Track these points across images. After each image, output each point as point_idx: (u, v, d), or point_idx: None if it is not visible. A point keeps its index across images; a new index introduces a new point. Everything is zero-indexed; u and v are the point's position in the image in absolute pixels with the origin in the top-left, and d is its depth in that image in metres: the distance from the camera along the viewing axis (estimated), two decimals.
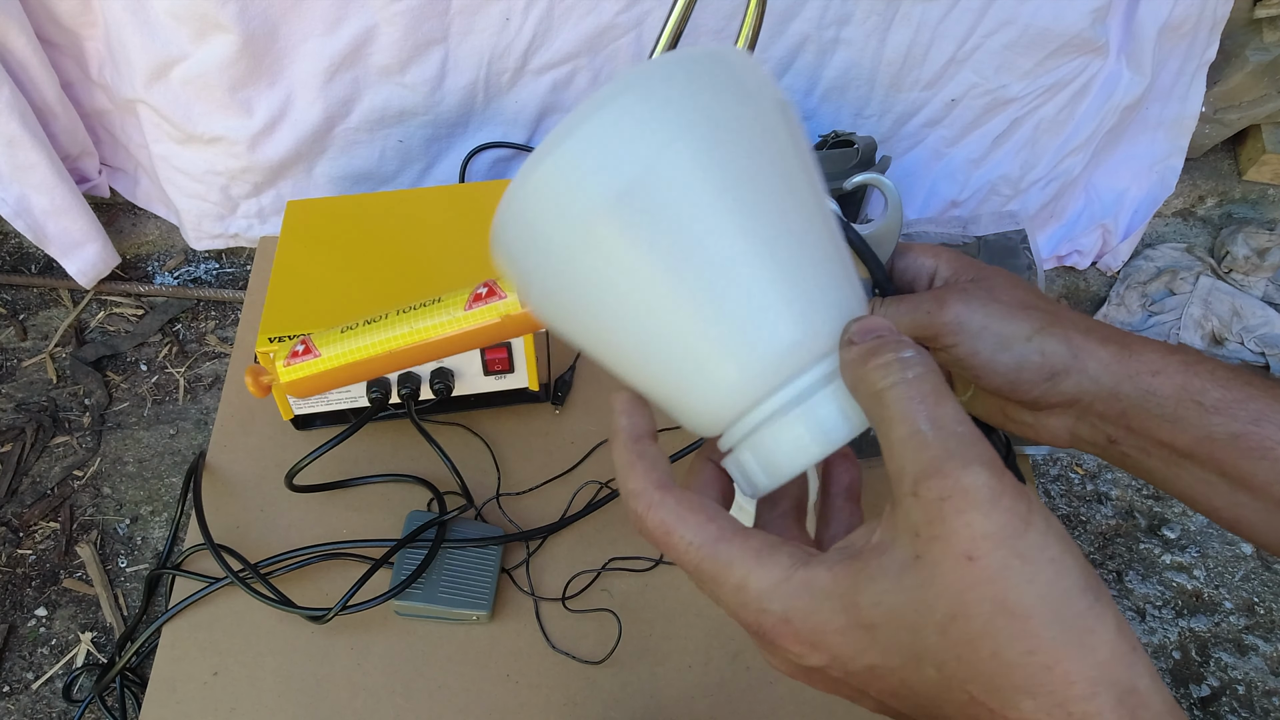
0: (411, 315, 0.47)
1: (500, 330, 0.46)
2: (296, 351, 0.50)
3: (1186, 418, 0.38)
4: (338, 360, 0.49)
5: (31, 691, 0.84)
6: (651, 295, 0.29)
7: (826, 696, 0.60)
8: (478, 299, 0.46)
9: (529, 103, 0.91)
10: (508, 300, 0.45)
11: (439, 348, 0.48)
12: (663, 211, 0.28)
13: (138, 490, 0.97)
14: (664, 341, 0.29)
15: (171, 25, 0.79)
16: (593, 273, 0.29)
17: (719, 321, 0.28)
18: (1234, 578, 1.03)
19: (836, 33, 0.88)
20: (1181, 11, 0.89)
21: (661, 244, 0.28)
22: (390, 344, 0.48)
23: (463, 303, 0.46)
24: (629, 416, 0.32)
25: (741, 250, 0.28)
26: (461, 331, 0.46)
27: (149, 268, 1.13)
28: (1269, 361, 1.18)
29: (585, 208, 0.28)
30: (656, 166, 0.27)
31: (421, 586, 0.61)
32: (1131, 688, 0.24)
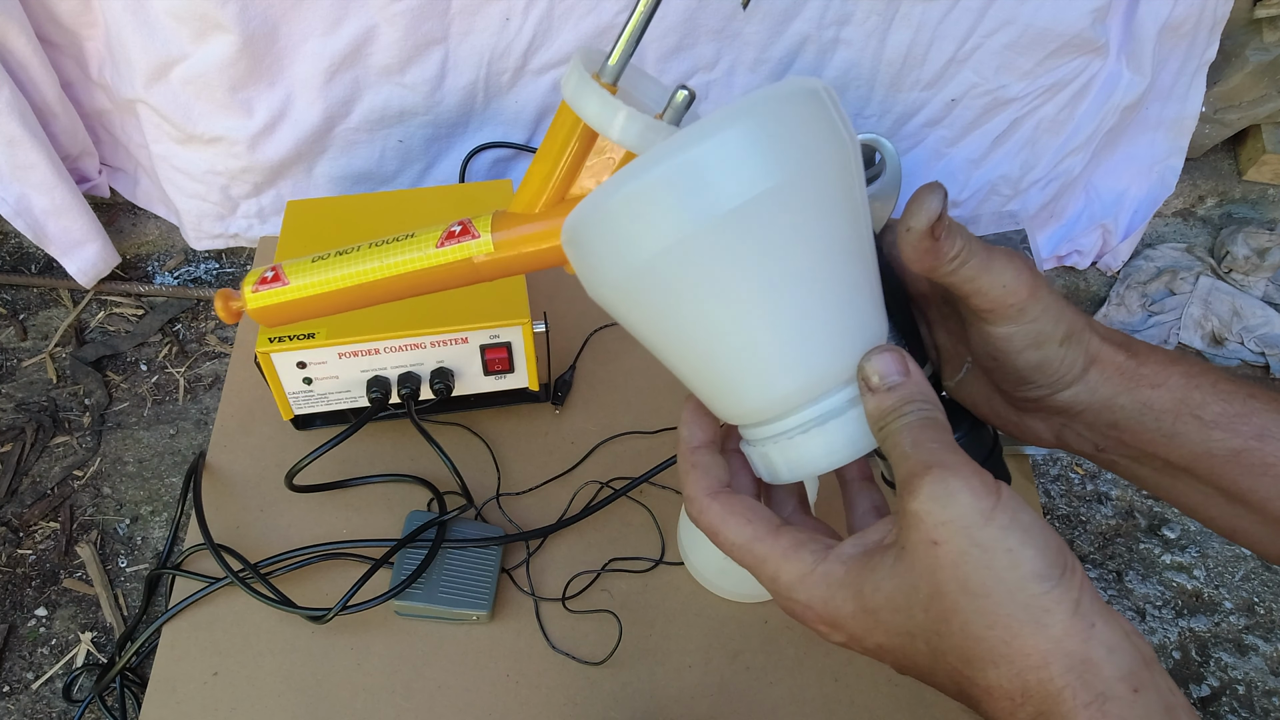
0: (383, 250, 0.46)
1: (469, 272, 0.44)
2: (265, 278, 0.48)
3: (1184, 433, 0.37)
4: (305, 290, 0.47)
5: (31, 691, 0.84)
6: (737, 308, 0.32)
7: (826, 696, 0.60)
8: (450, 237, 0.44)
9: (529, 103, 0.91)
10: (480, 240, 0.43)
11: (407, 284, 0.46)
12: (771, 236, 0.30)
13: (138, 490, 0.97)
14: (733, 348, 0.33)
15: (171, 25, 0.79)
16: (683, 280, 0.31)
17: (788, 340, 0.32)
18: (1234, 578, 1.03)
19: (836, 33, 0.88)
20: (1181, 11, 0.89)
21: (760, 265, 0.31)
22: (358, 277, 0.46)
23: (434, 240, 0.44)
24: (689, 427, 0.38)
25: (822, 278, 0.32)
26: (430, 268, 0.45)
27: (149, 268, 1.13)
28: (1269, 361, 1.18)
29: (697, 216, 0.30)
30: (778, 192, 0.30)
31: (421, 586, 0.61)
32: (1085, 658, 0.28)
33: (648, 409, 0.74)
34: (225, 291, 0.50)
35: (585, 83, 0.38)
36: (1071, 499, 1.07)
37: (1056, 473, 1.09)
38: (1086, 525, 1.06)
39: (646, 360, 0.77)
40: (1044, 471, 1.09)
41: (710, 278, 0.31)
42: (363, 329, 0.62)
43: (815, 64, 0.91)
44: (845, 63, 0.90)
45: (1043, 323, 0.37)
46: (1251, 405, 0.37)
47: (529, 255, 0.43)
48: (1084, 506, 1.07)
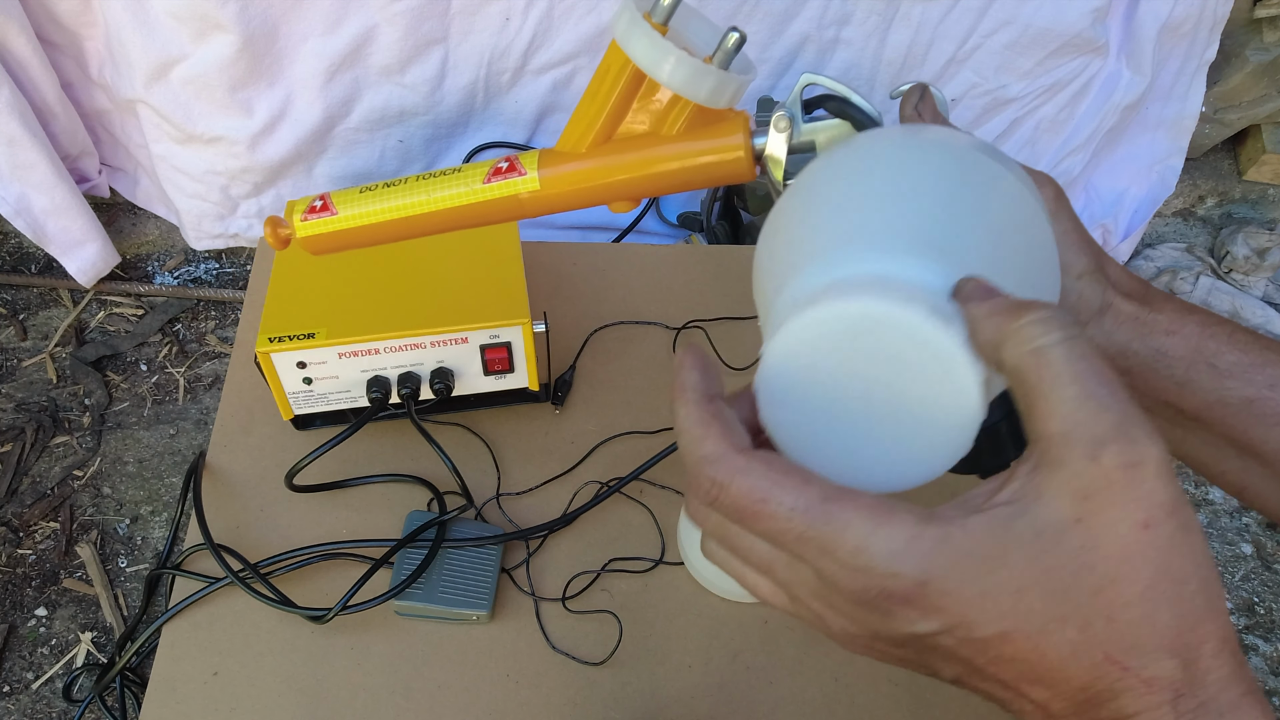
0: (430, 182, 0.47)
1: (514, 208, 0.46)
2: (315, 207, 0.50)
3: (1198, 380, 0.37)
4: (353, 220, 0.49)
5: (31, 691, 0.84)
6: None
7: (826, 696, 0.60)
8: (497, 173, 0.45)
9: (529, 103, 0.91)
10: (526, 178, 0.44)
11: (452, 217, 0.47)
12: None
13: (138, 490, 0.97)
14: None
15: (171, 25, 0.79)
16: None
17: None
18: (1234, 578, 1.03)
19: (836, 33, 0.88)
20: (1181, 11, 0.89)
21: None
22: (405, 209, 0.48)
23: (481, 175, 0.45)
24: (701, 373, 0.30)
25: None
26: (476, 203, 0.46)
27: (149, 268, 1.13)
28: None
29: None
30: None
31: (421, 586, 0.61)
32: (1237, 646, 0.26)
33: (648, 409, 0.74)
34: (274, 219, 0.51)
35: (636, 22, 0.38)
36: None
37: None
38: None
39: (646, 360, 0.77)
40: None
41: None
42: (363, 329, 0.62)
43: (815, 64, 0.91)
44: (845, 63, 0.90)
45: (1064, 248, 0.36)
46: (1267, 356, 0.36)
47: (574, 193, 0.44)
48: None
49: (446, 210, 0.47)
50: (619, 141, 0.43)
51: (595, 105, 0.42)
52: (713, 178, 0.43)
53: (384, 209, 0.48)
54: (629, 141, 0.43)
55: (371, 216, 0.48)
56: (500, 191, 0.45)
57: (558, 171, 0.44)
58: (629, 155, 0.43)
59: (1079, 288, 0.37)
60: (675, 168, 0.43)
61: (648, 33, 0.38)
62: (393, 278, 0.67)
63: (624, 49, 0.39)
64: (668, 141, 0.42)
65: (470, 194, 0.46)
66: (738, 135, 0.42)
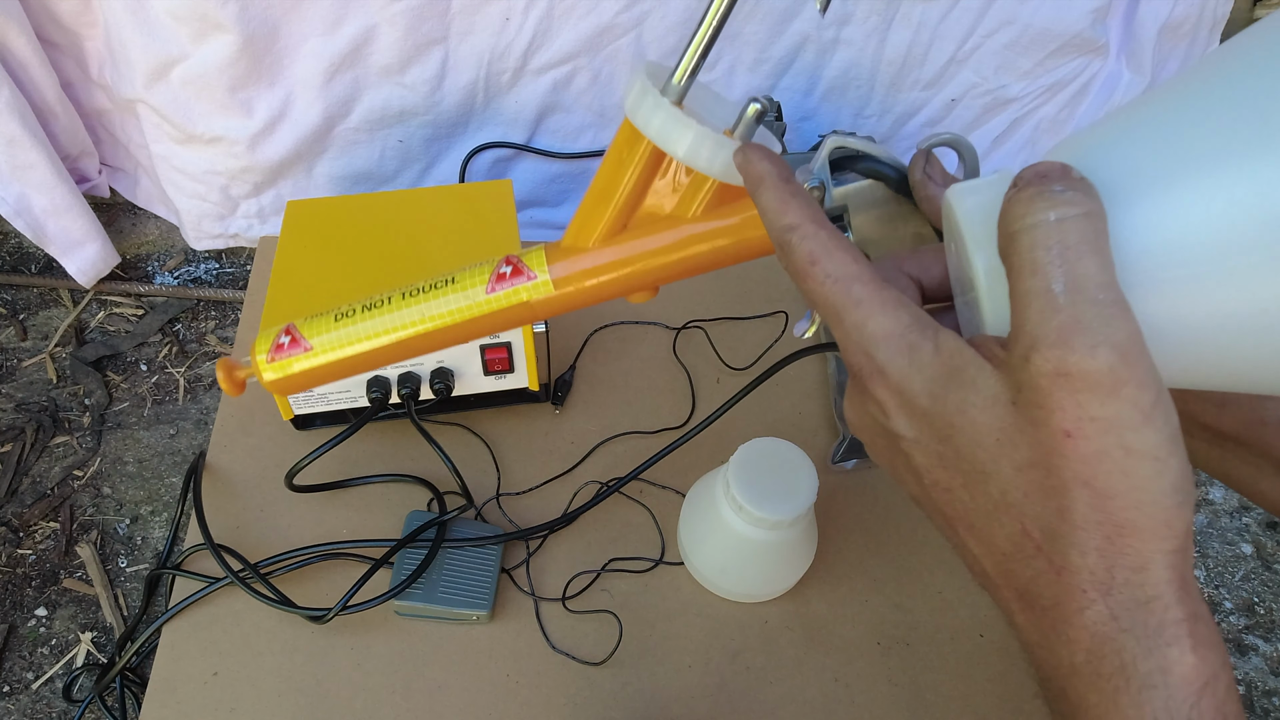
0: (421, 298, 0.41)
1: (525, 314, 0.40)
2: (280, 345, 0.43)
3: (1236, 401, 0.37)
4: (332, 354, 0.43)
5: (31, 691, 0.84)
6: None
7: (826, 696, 0.60)
8: (501, 279, 0.40)
9: (529, 103, 0.91)
10: (537, 281, 0.39)
11: (454, 334, 0.42)
12: None
13: (138, 490, 0.97)
14: None
15: (171, 25, 0.79)
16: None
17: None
18: (1234, 578, 1.03)
19: (836, 33, 0.88)
20: (1181, 11, 0.89)
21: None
22: (396, 332, 0.42)
23: (483, 284, 0.40)
24: (773, 163, 0.32)
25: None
26: (483, 314, 0.40)
27: (149, 268, 1.13)
28: None
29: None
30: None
31: (421, 586, 0.61)
32: (1186, 577, 0.26)
33: (648, 409, 0.75)
34: (227, 361, 0.45)
35: (650, 96, 0.35)
36: None
37: None
38: None
39: (646, 360, 0.78)
40: None
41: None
42: None
43: (815, 64, 0.91)
44: (845, 63, 0.90)
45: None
46: None
47: (592, 290, 0.40)
48: None
49: (446, 329, 0.41)
50: (636, 229, 0.39)
51: (609, 192, 0.38)
52: (741, 255, 0.39)
53: (369, 333, 0.42)
54: (647, 228, 0.39)
55: (355, 344, 0.42)
56: (508, 300, 0.40)
57: (572, 269, 0.39)
58: (650, 243, 0.39)
59: None
60: (702, 250, 0.39)
61: (664, 107, 0.34)
62: (393, 277, 0.67)
63: (638, 125, 0.35)
64: (690, 223, 0.38)
65: (472, 307, 0.40)
66: None
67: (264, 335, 0.45)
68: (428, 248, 0.69)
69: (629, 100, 0.36)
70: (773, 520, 0.55)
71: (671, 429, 0.73)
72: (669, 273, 0.39)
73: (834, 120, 0.96)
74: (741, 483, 0.56)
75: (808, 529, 0.60)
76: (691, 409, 0.75)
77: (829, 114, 0.96)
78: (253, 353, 0.45)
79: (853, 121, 0.97)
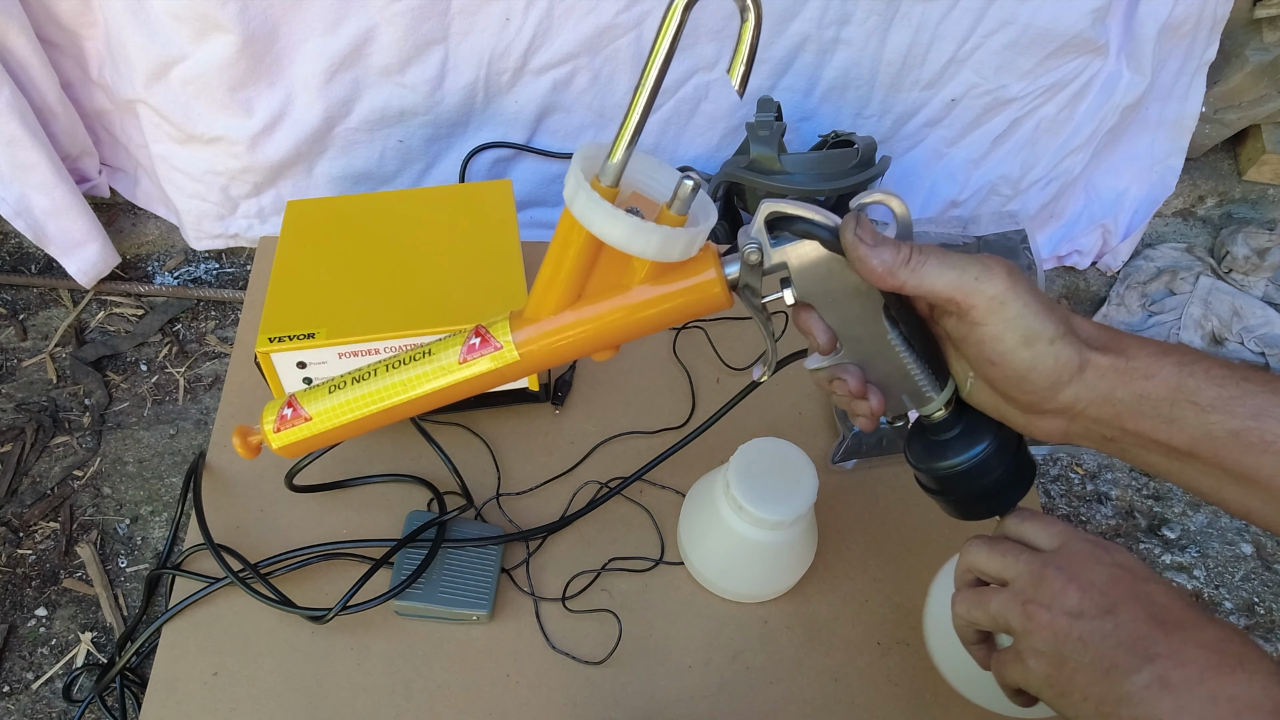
0: (401, 369, 0.47)
1: (496, 377, 0.46)
2: (284, 416, 0.49)
3: (1183, 418, 0.38)
4: (327, 423, 0.49)
5: (31, 691, 0.84)
6: None
7: (826, 696, 0.60)
8: (471, 350, 0.45)
9: (529, 103, 0.91)
10: (503, 350, 0.44)
11: (433, 400, 0.47)
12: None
13: (138, 490, 0.97)
14: None
15: (171, 25, 0.79)
16: None
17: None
18: (1234, 578, 1.03)
19: (836, 33, 0.88)
20: (1181, 11, 0.89)
21: None
22: (380, 402, 0.47)
23: (455, 354, 0.45)
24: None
25: None
26: (456, 382, 0.46)
27: (149, 268, 1.13)
28: (1269, 361, 1.18)
29: None
30: None
31: (421, 586, 0.61)
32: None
33: (647, 409, 0.74)
34: (243, 428, 0.51)
35: (582, 190, 0.37)
36: (1071, 499, 1.07)
37: (1056, 473, 1.09)
38: (1087, 525, 1.05)
39: (646, 360, 0.77)
40: (1044, 471, 1.09)
41: None
42: (362, 329, 0.62)
43: (815, 64, 0.91)
44: (845, 63, 0.90)
45: (1028, 319, 0.38)
46: (1245, 388, 0.38)
47: (554, 352, 0.44)
48: (1084, 506, 1.07)
49: (421, 396, 0.47)
50: (590, 296, 0.43)
51: (560, 271, 0.42)
52: (690, 313, 0.43)
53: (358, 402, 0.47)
54: (600, 294, 0.43)
55: (347, 415, 0.48)
56: (478, 368, 0.45)
57: (533, 336, 0.44)
58: (602, 309, 0.43)
59: (1054, 352, 0.39)
60: (651, 313, 0.43)
61: (596, 201, 0.37)
62: (392, 277, 0.67)
63: (575, 216, 0.38)
64: (639, 288, 0.42)
65: (448, 376, 0.46)
66: (709, 271, 0.42)
67: (270, 407, 0.50)
68: (428, 248, 0.69)
69: (566, 191, 0.38)
70: (773, 520, 0.55)
71: (671, 429, 0.73)
72: (623, 334, 0.43)
73: (834, 120, 0.96)
74: (741, 483, 0.56)
75: (808, 529, 0.60)
76: (691, 409, 0.75)
77: (829, 114, 0.96)
78: (261, 422, 0.50)
79: (853, 121, 0.97)
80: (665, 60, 0.36)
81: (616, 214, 0.37)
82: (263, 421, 0.50)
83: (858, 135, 0.87)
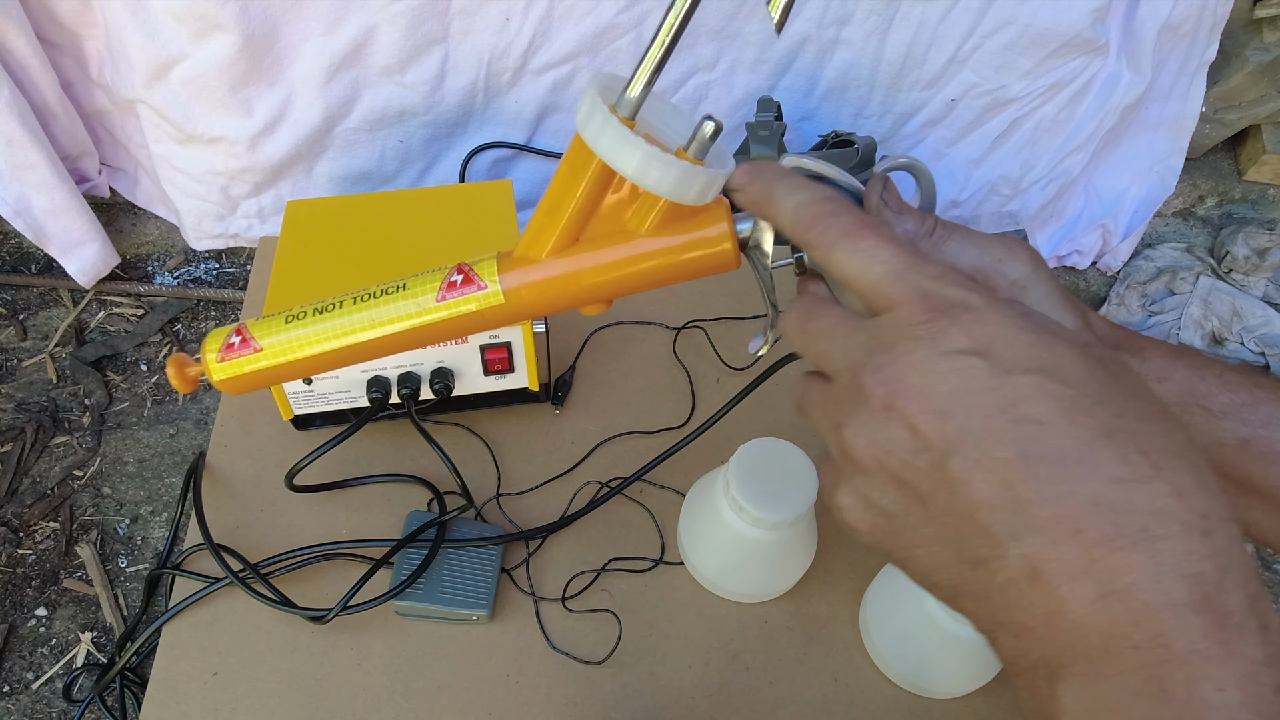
0: (371, 303, 0.42)
1: (474, 322, 0.41)
2: (231, 345, 0.43)
3: (1193, 424, 0.37)
4: (281, 355, 0.43)
5: (31, 691, 0.84)
6: None
7: (825, 696, 0.60)
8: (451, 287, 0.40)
9: (529, 103, 0.91)
10: (488, 291, 0.39)
11: (402, 340, 0.42)
12: None
13: (138, 490, 0.97)
14: None
15: (171, 25, 0.79)
16: None
17: None
18: None
19: (836, 33, 0.88)
20: (1181, 11, 0.89)
21: None
22: (345, 336, 0.42)
23: (434, 291, 0.40)
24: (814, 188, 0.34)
25: None
26: (432, 322, 0.41)
27: (149, 268, 1.13)
28: (1269, 361, 1.18)
29: None
30: None
31: (421, 586, 0.61)
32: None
33: (647, 409, 0.74)
34: (179, 357, 0.45)
35: (599, 113, 0.34)
36: None
37: None
38: None
39: (646, 360, 0.77)
40: None
41: None
42: None
43: (815, 64, 0.91)
44: (845, 63, 0.90)
45: (1047, 308, 0.37)
46: (1257, 395, 0.37)
47: (542, 301, 0.40)
48: None
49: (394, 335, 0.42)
50: (588, 241, 0.38)
51: (561, 204, 0.38)
52: (695, 271, 0.39)
53: (317, 335, 0.42)
54: (599, 240, 0.38)
55: (303, 347, 0.42)
56: (458, 308, 0.40)
57: (523, 280, 0.39)
58: (601, 256, 0.38)
59: None
60: (653, 265, 0.39)
61: (613, 125, 0.34)
62: (392, 277, 0.67)
63: (586, 141, 0.35)
64: (642, 238, 0.38)
65: (421, 313, 0.41)
66: (721, 225, 0.38)
67: (216, 334, 0.45)
68: (428, 248, 0.69)
69: (579, 115, 0.35)
70: (773, 520, 0.55)
71: (671, 429, 0.73)
72: (621, 287, 0.39)
73: (834, 120, 0.96)
74: (741, 483, 0.56)
75: (808, 529, 0.60)
76: (691, 409, 0.75)
77: (829, 114, 0.96)
78: (203, 351, 0.45)
79: (853, 121, 0.97)
80: None
81: (634, 139, 0.33)
82: (204, 350, 0.45)
83: (858, 135, 0.88)
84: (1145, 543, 0.24)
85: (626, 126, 0.34)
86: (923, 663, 0.58)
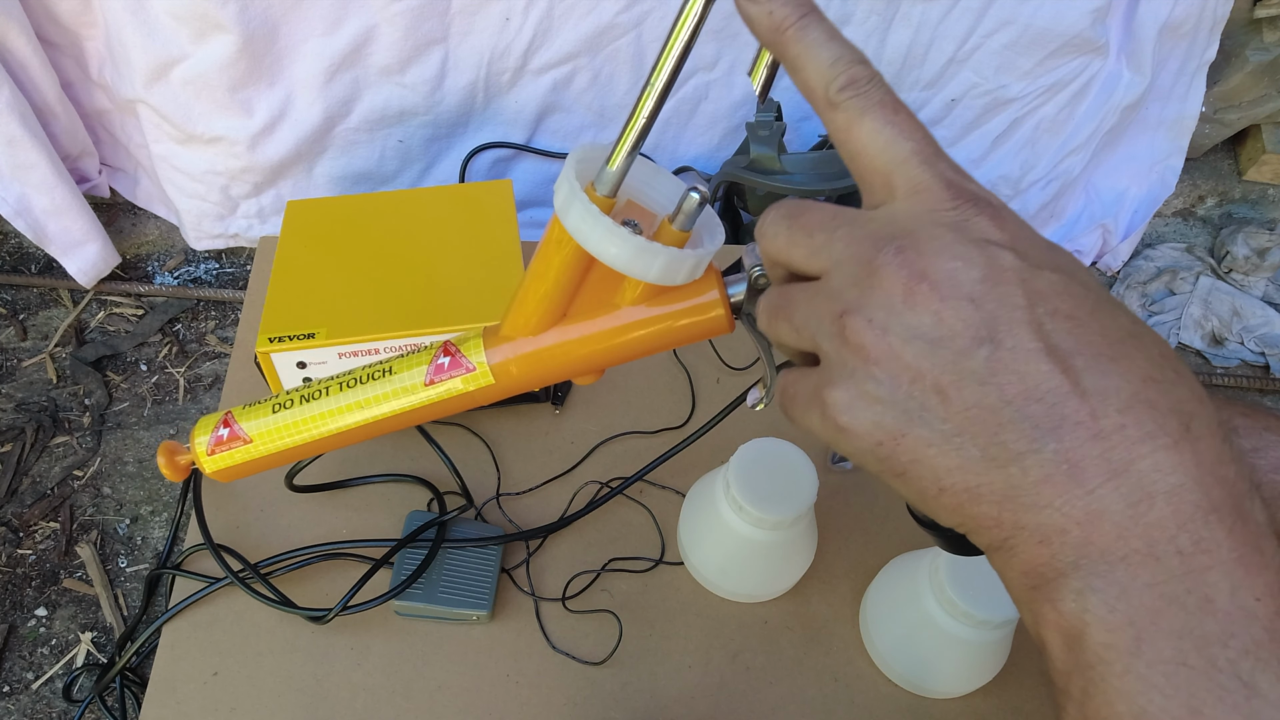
0: (357, 389, 0.41)
1: (465, 401, 0.41)
2: (220, 438, 0.44)
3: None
4: (269, 446, 0.43)
5: (31, 691, 0.84)
6: None
7: (825, 696, 0.60)
8: (440, 371, 0.39)
9: (529, 103, 0.91)
10: (476, 373, 0.39)
11: (393, 423, 0.42)
12: None
13: (138, 490, 0.97)
14: None
15: (171, 25, 0.79)
16: None
17: None
18: None
19: None
20: (1181, 11, 0.89)
21: None
22: (332, 424, 0.42)
23: (421, 375, 0.40)
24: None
25: None
26: (421, 404, 0.40)
27: (149, 268, 1.13)
28: (1269, 361, 1.19)
29: None
30: None
31: (421, 586, 0.61)
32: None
33: (648, 409, 0.74)
34: (169, 445, 0.45)
35: (575, 198, 0.33)
36: None
37: None
38: None
39: (646, 360, 0.77)
40: None
41: None
42: (363, 329, 0.62)
43: None
44: None
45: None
46: (1268, 439, 0.35)
47: (531, 378, 0.39)
48: None
49: (380, 420, 0.41)
50: (576, 314, 0.37)
51: (544, 282, 0.36)
52: (688, 337, 0.38)
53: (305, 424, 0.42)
54: (587, 313, 0.37)
55: (290, 438, 0.42)
56: (446, 392, 0.40)
57: (511, 357, 0.39)
58: (589, 328, 0.37)
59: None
60: (643, 335, 0.37)
61: (593, 215, 0.32)
62: (392, 277, 0.67)
63: (568, 230, 0.33)
64: (631, 307, 0.37)
65: (410, 397, 0.40)
66: (712, 292, 0.36)
67: (204, 422, 0.45)
68: (428, 248, 0.69)
69: (557, 199, 0.34)
70: (773, 520, 0.55)
71: (671, 429, 0.73)
72: (611, 357, 0.38)
73: None
74: (741, 483, 0.56)
75: (808, 529, 0.60)
76: (691, 409, 0.75)
77: None
78: (192, 439, 0.45)
79: None
80: (678, 62, 0.31)
81: (616, 231, 0.33)
82: (193, 439, 0.45)
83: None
84: (1188, 442, 0.23)
85: (606, 215, 0.33)
86: (923, 663, 0.58)
